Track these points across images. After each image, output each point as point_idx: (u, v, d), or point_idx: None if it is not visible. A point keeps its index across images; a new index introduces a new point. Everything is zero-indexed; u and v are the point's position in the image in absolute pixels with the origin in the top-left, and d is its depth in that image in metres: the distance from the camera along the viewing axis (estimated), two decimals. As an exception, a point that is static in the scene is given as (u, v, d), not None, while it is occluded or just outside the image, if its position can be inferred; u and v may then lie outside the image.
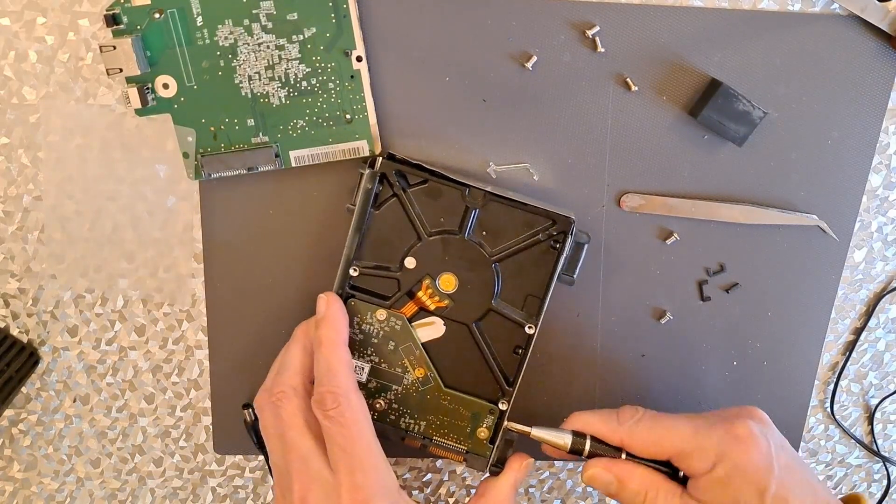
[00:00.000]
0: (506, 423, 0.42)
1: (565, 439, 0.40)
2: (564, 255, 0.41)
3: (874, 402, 0.51)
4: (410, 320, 0.42)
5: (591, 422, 0.40)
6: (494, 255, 0.42)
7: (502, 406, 0.43)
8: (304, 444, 0.38)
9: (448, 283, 0.42)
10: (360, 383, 0.43)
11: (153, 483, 0.50)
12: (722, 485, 0.38)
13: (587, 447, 0.40)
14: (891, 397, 0.51)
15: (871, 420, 0.52)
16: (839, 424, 0.51)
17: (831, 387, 0.50)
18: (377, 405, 0.43)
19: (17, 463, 0.48)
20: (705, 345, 0.47)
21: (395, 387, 0.43)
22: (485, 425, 0.43)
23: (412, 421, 0.43)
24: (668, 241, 0.45)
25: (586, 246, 0.43)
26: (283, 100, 0.40)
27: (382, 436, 0.41)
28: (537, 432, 0.40)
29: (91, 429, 0.48)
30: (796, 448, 0.50)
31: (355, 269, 0.42)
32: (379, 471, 0.38)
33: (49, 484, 0.49)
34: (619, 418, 0.40)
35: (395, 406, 0.43)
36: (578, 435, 0.40)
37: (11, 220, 0.43)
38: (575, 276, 0.43)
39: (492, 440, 0.43)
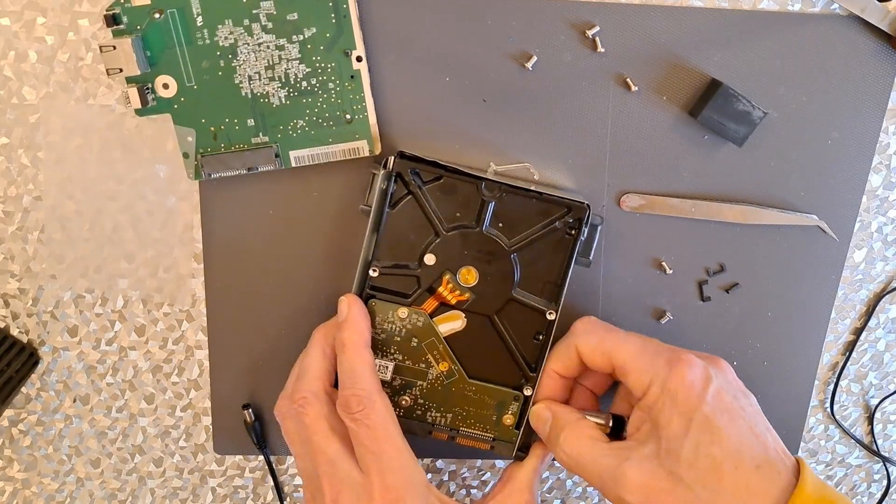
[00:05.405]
0: (532, 408, 0.42)
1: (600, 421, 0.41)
2: (580, 241, 0.41)
3: (874, 402, 0.51)
4: (432, 315, 0.42)
5: (550, 361, 0.42)
6: (512, 246, 0.42)
7: (527, 392, 0.43)
8: (331, 448, 0.39)
9: (468, 276, 0.42)
10: (385, 382, 0.43)
11: (153, 483, 0.50)
12: (649, 409, 0.37)
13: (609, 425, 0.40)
14: (891, 397, 0.51)
15: (871, 420, 0.52)
16: (839, 424, 0.51)
17: (831, 387, 0.50)
18: (403, 402, 0.43)
19: (17, 463, 0.48)
20: (705, 345, 0.47)
21: (420, 382, 0.43)
22: (510, 412, 0.43)
23: (438, 414, 0.44)
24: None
25: (600, 228, 0.43)
26: (283, 100, 0.40)
27: (409, 432, 0.42)
28: None
29: (91, 429, 0.48)
30: (795, 449, 0.50)
31: (374, 270, 0.42)
32: (408, 470, 0.38)
33: (49, 484, 0.49)
34: (572, 329, 0.42)
35: (420, 401, 0.43)
36: (617, 417, 0.41)
37: (11, 220, 0.43)
38: (591, 257, 0.43)
39: (517, 426, 0.43)
